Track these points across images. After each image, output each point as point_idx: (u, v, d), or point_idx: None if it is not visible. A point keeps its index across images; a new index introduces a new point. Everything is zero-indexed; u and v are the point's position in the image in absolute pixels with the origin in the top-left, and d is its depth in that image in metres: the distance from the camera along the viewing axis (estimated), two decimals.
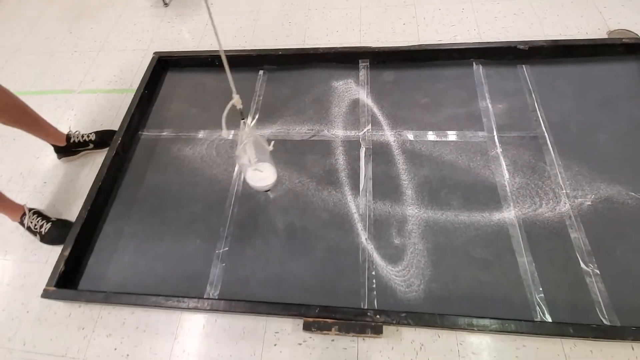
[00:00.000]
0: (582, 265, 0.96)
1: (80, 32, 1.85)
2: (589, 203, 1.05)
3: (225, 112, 0.88)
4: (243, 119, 0.92)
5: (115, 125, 1.35)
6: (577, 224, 1.02)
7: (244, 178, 1.14)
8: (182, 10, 1.86)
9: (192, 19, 1.82)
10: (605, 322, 0.88)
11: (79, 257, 1.10)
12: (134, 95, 1.38)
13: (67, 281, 1.06)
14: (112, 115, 1.48)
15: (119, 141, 1.26)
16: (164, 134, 1.36)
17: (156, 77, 1.49)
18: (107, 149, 1.26)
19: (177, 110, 1.42)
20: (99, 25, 1.86)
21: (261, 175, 1.10)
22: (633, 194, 1.06)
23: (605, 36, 1.46)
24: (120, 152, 1.27)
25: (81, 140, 1.31)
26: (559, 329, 0.84)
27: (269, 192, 1.16)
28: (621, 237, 1.00)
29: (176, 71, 1.55)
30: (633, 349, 0.88)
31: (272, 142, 1.02)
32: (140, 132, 1.37)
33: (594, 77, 1.31)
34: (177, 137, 1.35)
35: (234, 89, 0.88)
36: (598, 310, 0.90)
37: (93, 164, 1.33)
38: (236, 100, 0.89)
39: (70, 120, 1.48)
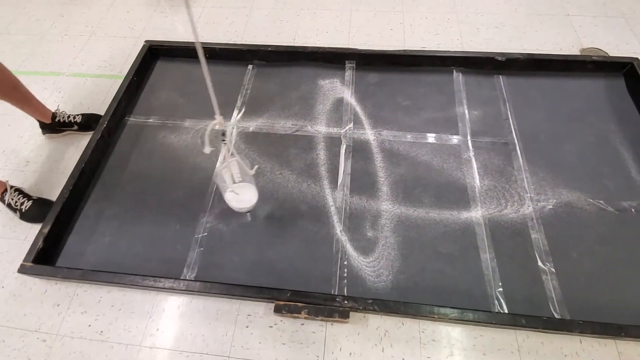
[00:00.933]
0: (540, 263, 1.03)
1: (72, 17, 1.85)
2: (551, 207, 1.13)
3: (207, 130, 0.85)
4: (224, 140, 0.90)
5: (102, 110, 1.36)
6: (538, 225, 1.09)
7: (224, 198, 1.09)
8: (175, 1, 1.89)
9: (185, 10, 1.83)
10: (557, 316, 0.95)
11: (58, 235, 1.12)
12: (123, 81, 1.40)
13: (44, 258, 1.07)
14: (99, 100, 1.49)
15: (105, 125, 1.28)
16: (150, 120, 1.38)
17: (146, 65, 1.51)
18: (92, 132, 1.28)
19: (165, 98, 1.45)
20: (91, 11, 1.86)
21: (240, 197, 1.07)
22: (591, 200, 1.13)
23: (578, 53, 1.55)
24: (106, 135, 1.29)
25: (66, 120, 1.32)
26: (513, 320, 0.90)
27: (248, 214, 1.14)
28: (577, 240, 1.07)
29: (167, 60, 1.57)
30: (581, 342, 0.94)
31: (256, 167, 1.00)
32: (126, 118, 1.39)
33: (564, 91, 1.39)
34: (164, 124, 1.37)
35: (217, 110, 0.84)
36: (551, 305, 0.97)
37: (78, 146, 1.34)
38: (219, 121, 0.84)
39: (57, 102, 1.49)
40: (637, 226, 1.08)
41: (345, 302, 0.92)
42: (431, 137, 1.29)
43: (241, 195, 1.07)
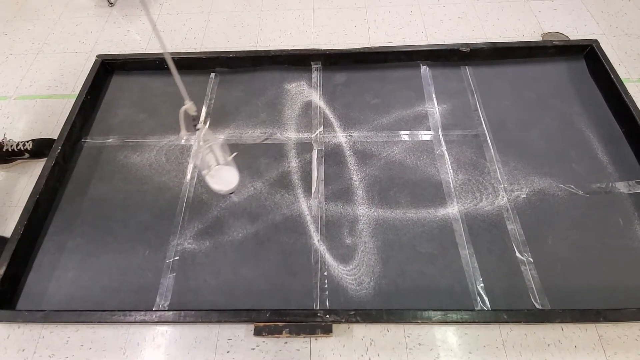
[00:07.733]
0: (518, 254, 1.03)
1: (16, 34, 1.73)
2: (524, 196, 1.13)
3: (181, 117, 0.89)
4: (195, 124, 0.91)
5: (55, 134, 1.27)
6: (513, 216, 1.10)
7: (207, 183, 1.07)
8: (129, 11, 1.79)
9: (139, 19, 1.75)
10: (537, 306, 0.95)
11: (16, 276, 1.04)
12: (75, 101, 1.31)
13: (3, 301, 0.99)
14: (52, 122, 1.40)
15: (59, 149, 1.20)
16: (109, 140, 1.30)
17: (100, 81, 1.42)
18: (45, 159, 1.19)
19: (124, 115, 1.37)
20: (37, 27, 1.74)
21: (223, 178, 1.06)
22: (562, 185, 1.15)
23: (540, 38, 1.57)
24: (61, 161, 1.20)
25: (15, 149, 1.23)
26: (495, 316, 0.90)
27: (232, 195, 1.15)
28: (551, 227, 1.08)
29: (122, 74, 1.49)
30: (562, 330, 0.96)
31: (234, 154, 1.04)
32: (83, 140, 1.30)
33: (528, 77, 1.40)
34: (124, 143, 1.30)
35: (185, 96, 0.86)
36: (531, 296, 0.97)
37: (31, 175, 1.25)
38: (189, 106, 0.87)
39: (6, 129, 1.39)
40: (606, 208, 1.10)
41: (327, 316, 0.90)
42: (403, 135, 1.27)
43: (221, 177, 1.06)
